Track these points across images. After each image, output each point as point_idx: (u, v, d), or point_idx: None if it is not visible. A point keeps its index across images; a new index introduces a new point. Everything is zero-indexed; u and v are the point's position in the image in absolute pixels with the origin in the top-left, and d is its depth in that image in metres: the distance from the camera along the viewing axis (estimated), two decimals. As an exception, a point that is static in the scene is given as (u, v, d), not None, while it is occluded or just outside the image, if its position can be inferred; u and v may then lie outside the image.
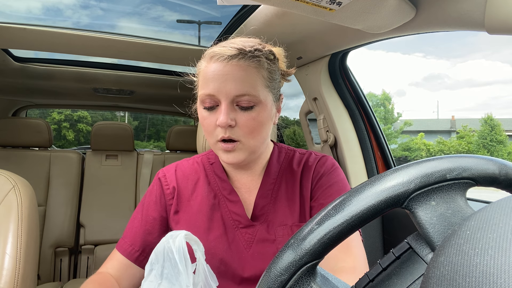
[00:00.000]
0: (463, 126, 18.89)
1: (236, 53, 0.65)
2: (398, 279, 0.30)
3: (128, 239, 0.75)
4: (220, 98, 0.65)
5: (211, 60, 0.67)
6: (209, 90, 0.65)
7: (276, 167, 0.77)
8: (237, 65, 0.65)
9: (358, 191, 0.32)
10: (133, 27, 1.97)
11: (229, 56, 0.65)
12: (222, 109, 0.65)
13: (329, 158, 0.78)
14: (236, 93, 0.64)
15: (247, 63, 0.65)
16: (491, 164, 0.31)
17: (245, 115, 0.66)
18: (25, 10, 2.49)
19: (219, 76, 0.65)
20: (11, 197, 0.86)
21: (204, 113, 0.68)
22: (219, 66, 0.65)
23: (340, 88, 1.34)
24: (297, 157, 0.79)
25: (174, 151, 2.41)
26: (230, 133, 0.65)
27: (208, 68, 0.67)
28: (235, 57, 0.65)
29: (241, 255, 0.71)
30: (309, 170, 0.76)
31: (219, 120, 0.64)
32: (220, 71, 0.65)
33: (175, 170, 0.79)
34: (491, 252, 0.20)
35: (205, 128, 0.69)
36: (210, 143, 0.70)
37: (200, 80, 0.69)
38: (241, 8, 1.22)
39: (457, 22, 0.71)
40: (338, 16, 0.72)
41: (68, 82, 2.04)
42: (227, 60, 0.65)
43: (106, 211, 2.09)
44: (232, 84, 0.64)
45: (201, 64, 0.70)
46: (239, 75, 0.65)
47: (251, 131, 0.66)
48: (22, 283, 0.80)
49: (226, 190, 0.76)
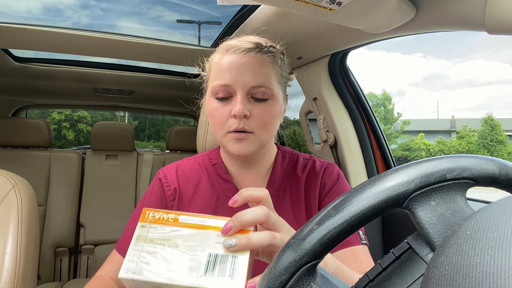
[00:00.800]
0: (463, 126, 18.89)
1: (253, 46, 0.66)
2: (398, 279, 0.30)
3: (128, 241, 0.74)
4: (236, 88, 0.65)
5: (227, 52, 0.67)
6: (225, 81, 0.65)
7: (280, 173, 0.76)
8: (254, 57, 0.66)
9: (358, 191, 0.32)
10: (133, 27, 1.98)
11: (246, 48, 0.66)
12: (238, 99, 0.65)
13: (335, 167, 0.78)
14: (253, 84, 0.65)
15: (263, 57, 0.67)
16: (491, 164, 0.31)
17: (260, 107, 0.66)
18: (25, 10, 2.50)
19: (236, 67, 0.65)
20: (11, 197, 0.86)
21: (216, 104, 0.67)
22: (236, 58, 0.66)
23: (340, 88, 1.34)
24: (301, 163, 0.78)
25: (174, 151, 2.41)
26: (244, 124, 0.65)
27: (224, 60, 0.67)
28: (252, 50, 0.66)
29: None
30: (315, 178, 0.75)
31: (235, 110, 0.64)
32: (237, 62, 0.65)
33: (176, 170, 0.78)
34: (491, 252, 0.20)
35: (216, 119, 0.68)
36: (219, 136, 0.69)
37: (213, 72, 0.69)
38: (241, 8, 1.22)
39: (457, 22, 0.71)
40: (338, 16, 0.72)
41: (68, 82, 2.04)
42: (244, 52, 0.66)
43: (106, 211, 2.09)
44: (249, 75, 0.65)
45: (214, 57, 0.70)
46: (256, 67, 0.65)
47: (264, 123, 0.66)
48: (22, 283, 0.80)
49: (230, 191, 0.74)
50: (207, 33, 1.74)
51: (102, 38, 1.36)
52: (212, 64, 0.70)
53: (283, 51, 0.73)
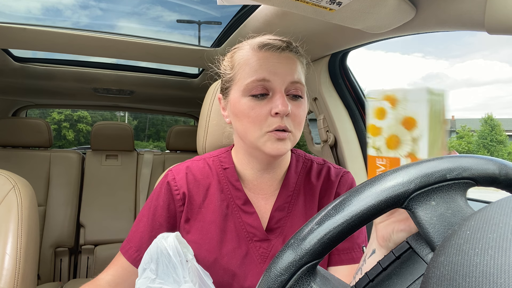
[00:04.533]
0: (462, 126, 18.89)
1: (287, 45, 0.66)
2: (398, 279, 0.30)
3: (133, 244, 0.71)
4: (275, 84, 0.63)
5: (261, 50, 0.65)
6: (263, 75, 0.63)
7: (294, 178, 0.74)
8: (288, 56, 0.66)
9: (358, 191, 0.32)
10: (132, 27, 1.98)
11: (281, 46, 0.65)
12: (279, 96, 0.62)
13: (349, 175, 0.77)
14: (291, 80, 0.64)
15: (295, 56, 0.67)
16: (491, 164, 0.31)
17: (296, 105, 0.65)
18: (25, 10, 2.49)
19: (274, 64, 0.64)
20: (11, 197, 0.86)
21: (251, 103, 0.64)
22: (273, 55, 0.65)
23: (340, 88, 1.34)
24: (315, 168, 0.76)
25: (174, 151, 2.41)
26: (286, 122, 0.63)
27: (258, 56, 0.65)
28: (286, 48, 0.66)
29: (255, 270, 0.68)
30: (330, 187, 0.74)
31: (278, 108, 0.61)
32: (275, 59, 0.64)
33: (186, 173, 0.73)
34: (491, 252, 0.20)
35: (252, 119, 0.63)
36: (255, 136, 0.64)
37: (244, 70, 0.66)
38: (241, 8, 1.22)
39: (457, 22, 0.71)
40: (338, 16, 0.72)
41: (68, 82, 2.04)
42: (280, 50, 0.65)
43: (106, 211, 2.09)
44: (288, 71, 0.64)
45: (241, 55, 0.68)
46: (291, 65, 0.65)
47: (299, 122, 0.66)
48: (22, 283, 0.80)
49: (240, 200, 0.71)
50: (207, 33, 1.74)
51: (102, 38, 1.36)
52: (241, 61, 0.67)
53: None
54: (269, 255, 0.69)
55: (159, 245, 0.55)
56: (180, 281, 0.52)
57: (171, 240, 0.55)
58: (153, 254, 0.54)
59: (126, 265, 0.71)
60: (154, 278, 0.53)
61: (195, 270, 0.58)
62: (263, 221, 0.71)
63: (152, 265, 0.54)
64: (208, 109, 0.95)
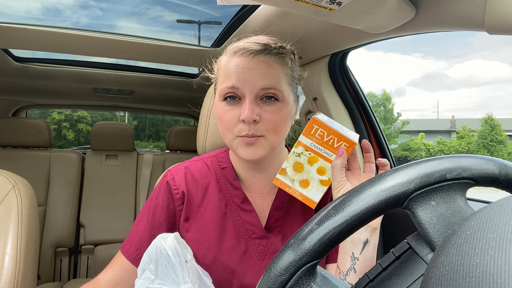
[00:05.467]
0: (463, 126, 18.89)
1: (262, 48, 0.64)
2: (398, 279, 0.30)
3: (134, 243, 0.72)
4: (245, 91, 0.63)
5: (235, 55, 0.65)
6: (232, 83, 0.63)
7: None
8: (262, 60, 0.64)
9: (358, 191, 0.32)
10: (132, 27, 1.97)
11: (255, 51, 0.64)
12: (246, 104, 0.63)
13: None
14: (261, 86, 0.63)
15: (272, 59, 0.65)
16: (491, 164, 0.31)
17: (269, 110, 0.64)
18: (25, 10, 2.49)
19: (244, 70, 0.63)
20: (11, 197, 0.86)
21: (224, 107, 0.66)
22: (244, 60, 0.64)
23: (340, 88, 1.34)
24: None
25: (174, 151, 2.41)
26: (253, 129, 0.63)
27: (231, 62, 0.65)
28: (261, 52, 0.64)
29: (254, 267, 0.69)
30: None
31: (243, 115, 0.62)
32: (245, 65, 0.64)
33: (184, 173, 0.75)
34: (491, 252, 0.20)
35: (224, 123, 0.66)
36: (228, 140, 0.67)
37: (221, 75, 0.67)
38: (241, 8, 1.21)
39: (457, 22, 0.71)
40: (338, 16, 0.71)
41: (68, 82, 2.04)
42: (252, 55, 0.64)
43: (106, 211, 2.09)
44: (257, 78, 0.63)
45: (222, 60, 0.69)
46: (265, 69, 0.64)
47: (275, 127, 0.65)
48: (22, 283, 0.80)
49: (239, 198, 0.72)
50: (207, 33, 1.74)
51: (102, 38, 1.36)
52: (220, 66, 0.69)
53: (294, 51, 0.71)
54: (268, 252, 0.70)
55: (158, 245, 0.55)
56: (180, 281, 0.52)
57: (170, 241, 0.55)
58: (152, 254, 0.54)
59: (126, 265, 0.71)
60: (154, 278, 0.53)
61: (194, 270, 0.58)
62: (261, 219, 0.72)
63: (151, 266, 0.54)
64: (208, 109, 0.95)
